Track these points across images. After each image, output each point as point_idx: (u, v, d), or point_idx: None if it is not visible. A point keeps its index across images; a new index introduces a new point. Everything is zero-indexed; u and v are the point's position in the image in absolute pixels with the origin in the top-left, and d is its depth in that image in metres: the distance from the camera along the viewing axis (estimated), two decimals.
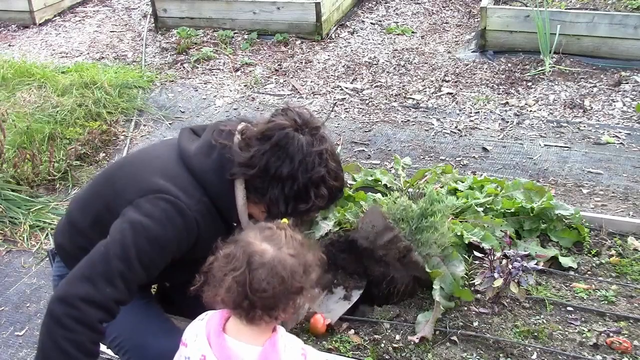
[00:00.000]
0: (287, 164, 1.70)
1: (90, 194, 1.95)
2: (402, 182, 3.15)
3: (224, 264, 1.48)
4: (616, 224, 2.92)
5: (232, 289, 1.44)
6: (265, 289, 1.43)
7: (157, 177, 1.77)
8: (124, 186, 1.81)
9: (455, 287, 2.47)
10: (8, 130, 3.91)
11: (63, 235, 2.00)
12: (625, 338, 2.33)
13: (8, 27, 6.18)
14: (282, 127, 1.73)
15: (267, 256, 1.45)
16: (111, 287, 1.63)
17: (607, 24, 4.56)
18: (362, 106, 4.42)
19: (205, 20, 5.71)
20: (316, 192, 1.74)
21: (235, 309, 1.47)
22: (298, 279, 1.47)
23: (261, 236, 1.50)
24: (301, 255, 1.50)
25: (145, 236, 1.68)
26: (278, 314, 1.48)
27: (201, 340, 1.52)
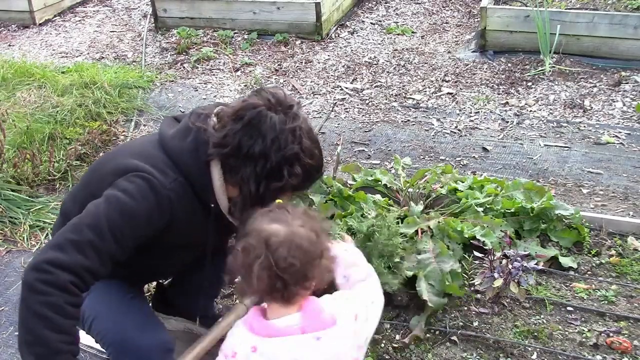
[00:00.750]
0: (260, 143, 1.70)
1: (79, 185, 2.03)
2: (402, 182, 3.15)
3: (245, 257, 1.52)
4: (616, 224, 2.92)
5: (262, 276, 1.49)
6: (293, 263, 1.49)
7: (134, 158, 1.82)
8: (105, 171, 1.87)
9: (443, 282, 2.47)
10: (8, 130, 3.90)
11: (57, 228, 2.03)
12: (625, 338, 2.33)
13: (8, 27, 6.18)
14: (254, 106, 1.73)
15: (282, 234, 1.51)
16: (81, 255, 1.64)
17: (607, 24, 4.56)
18: (362, 106, 4.42)
19: (205, 20, 5.71)
20: (290, 171, 1.73)
21: (270, 294, 1.52)
22: (315, 244, 1.54)
23: (267, 219, 1.55)
24: (309, 223, 1.56)
25: (117, 208, 1.71)
26: (310, 282, 1.54)
27: (245, 335, 1.55)
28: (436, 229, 2.78)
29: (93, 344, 2.45)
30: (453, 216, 2.90)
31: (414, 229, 2.77)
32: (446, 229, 2.76)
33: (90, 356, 2.50)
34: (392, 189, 3.14)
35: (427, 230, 2.78)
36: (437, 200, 3.05)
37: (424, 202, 3.02)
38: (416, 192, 3.08)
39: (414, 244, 2.69)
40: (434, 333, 2.42)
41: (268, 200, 1.76)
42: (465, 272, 2.68)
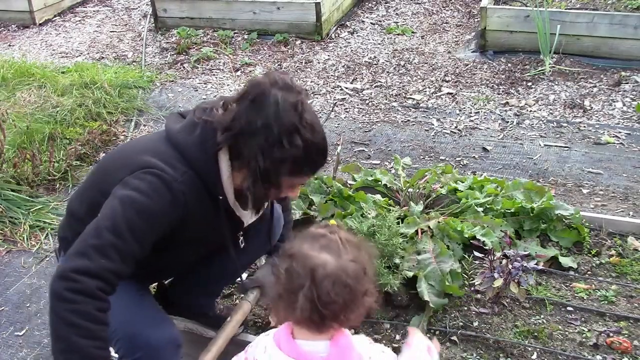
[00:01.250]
0: (262, 116, 1.72)
1: (86, 184, 2.03)
2: (402, 182, 3.15)
3: (288, 282, 1.46)
4: (616, 224, 2.92)
5: (304, 307, 1.43)
6: (335, 300, 1.42)
7: (142, 155, 1.83)
8: (114, 168, 1.87)
9: (443, 283, 2.47)
10: (8, 130, 3.91)
11: (64, 228, 2.05)
12: (625, 338, 2.33)
13: (8, 27, 6.18)
14: (258, 84, 1.77)
15: (330, 267, 1.44)
16: (105, 259, 1.66)
17: (607, 24, 4.56)
18: (362, 106, 4.42)
19: (205, 20, 5.71)
20: (290, 140, 1.73)
21: (307, 323, 1.47)
22: (362, 282, 1.47)
23: (318, 246, 1.48)
24: (360, 258, 1.49)
25: (133, 208, 1.72)
26: (347, 318, 1.48)
27: (271, 349, 1.52)
28: (436, 229, 2.78)
29: None
30: (453, 216, 2.90)
31: (414, 229, 2.77)
32: (446, 229, 2.76)
33: None
34: (392, 189, 3.14)
35: (427, 230, 2.77)
36: (437, 200, 3.05)
37: (424, 202, 3.02)
38: (416, 192, 3.08)
39: (414, 244, 2.70)
40: (434, 333, 2.42)
41: (273, 176, 1.77)
42: (465, 272, 2.68)
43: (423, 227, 2.78)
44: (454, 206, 2.98)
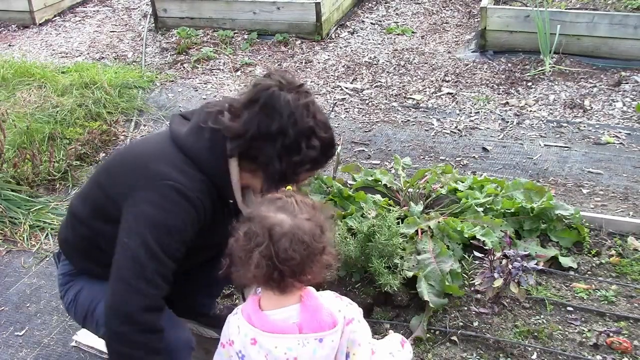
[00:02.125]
0: (277, 120, 1.72)
1: (89, 185, 2.01)
2: (402, 182, 3.15)
3: (246, 242, 1.52)
4: (616, 224, 2.92)
5: (260, 264, 1.48)
6: (293, 257, 1.48)
7: (154, 162, 1.80)
8: (121, 174, 1.85)
9: (443, 283, 2.47)
10: (8, 130, 3.90)
11: (66, 229, 2.04)
12: (625, 338, 2.33)
13: (8, 27, 6.18)
14: (267, 87, 1.76)
15: (286, 225, 1.50)
16: (154, 288, 1.71)
17: (607, 24, 4.56)
18: (362, 106, 4.42)
19: (205, 20, 5.71)
20: (307, 143, 1.76)
21: (266, 283, 1.52)
22: (318, 239, 1.54)
23: (274, 207, 1.54)
24: (315, 217, 1.56)
25: (162, 231, 1.73)
26: (307, 277, 1.54)
27: (244, 327, 1.57)
28: (436, 229, 2.78)
29: (94, 344, 2.45)
30: (453, 216, 2.90)
31: (414, 229, 2.77)
32: (446, 229, 2.76)
33: (90, 356, 2.50)
34: (392, 189, 3.14)
35: (427, 231, 2.77)
36: (437, 200, 3.05)
37: (424, 202, 3.02)
38: (416, 192, 3.08)
39: (414, 244, 2.70)
40: (434, 333, 2.42)
41: (290, 177, 1.80)
42: (465, 272, 2.68)
43: (423, 227, 2.78)
44: (454, 206, 2.98)
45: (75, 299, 2.04)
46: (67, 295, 2.07)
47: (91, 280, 2.02)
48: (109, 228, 1.85)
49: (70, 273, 2.07)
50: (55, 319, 2.73)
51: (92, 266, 2.00)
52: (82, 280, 2.04)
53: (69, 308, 2.08)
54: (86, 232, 1.94)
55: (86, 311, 2.01)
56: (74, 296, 2.04)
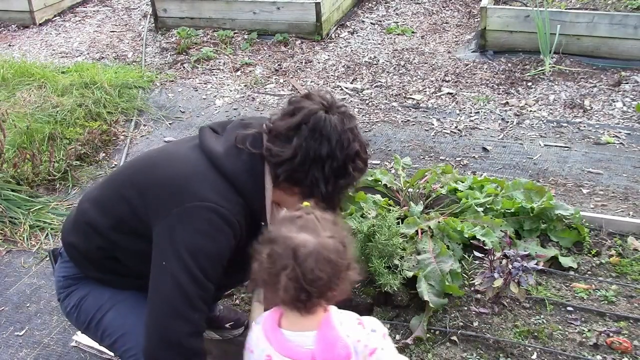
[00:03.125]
0: (326, 145, 1.74)
1: (111, 196, 1.92)
2: (402, 182, 3.15)
3: (271, 265, 1.48)
4: (616, 224, 2.92)
5: (288, 287, 1.45)
6: (320, 277, 1.45)
7: (191, 183, 1.76)
8: (155, 194, 1.79)
9: (443, 283, 2.47)
10: (8, 130, 3.91)
11: (76, 235, 1.97)
12: (625, 338, 2.33)
13: (8, 27, 6.18)
14: (314, 112, 1.76)
15: (310, 245, 1.47)
16: (197, 312, 1.70)
17: (607, 24, 4.56)
18: (362, 106, 4.42)
19: (205, 20, 5.71)
20: (354, 166, 1.79)
21: (294, 304, 1.50)
22: (343, 256, 1.51)
23: (296, 227, 1.51)
24: (337, 234, 1.53)
25: (203, 255, 1.70)
26: (333, 294, 1.51)
27: (262, 342, 1.55)
28: (436, 229, 2.78)
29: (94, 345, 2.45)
30: (453, 216, 2.90)
31: (414, 229, 2.77)
32: (446, 229, 2.76)
33: (90, 356, 2.50)
34: (392, 189, 3.14)
35: (427, 230, 2.77)
36: (437, 200, 3.05)
37: (424, 202, 3.02)
38: (416, 192, 3.08)
39: (414, 244, 2.69)
40: (434, 333, 2.42)
41: (336, 199, 1.81)
42: (465, 272, 2.68)
43: (423, 227, 2.78)
44: (454, 206, 2.98)
45: (78, 304, 1.99)
46: (68, 299, 2.02)
47: (98, 287, 1.98)
48: (130, 240, 1.83)
49: (74, 277, 2.02)
50: (55, 319, 2.73)
51: (103, 275, 1.97)
52: (88, 285, 2.00)
53: (70, 313, 2.03)
54: (102, 243, 1.89)
55: (90, 319, 1.97)
56: (78, 302, 2.00)
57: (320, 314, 1.54)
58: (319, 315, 1.54)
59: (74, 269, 2.01)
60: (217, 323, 2.47)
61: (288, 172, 1.76)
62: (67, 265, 2.03)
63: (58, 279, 2.06)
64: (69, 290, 2.02)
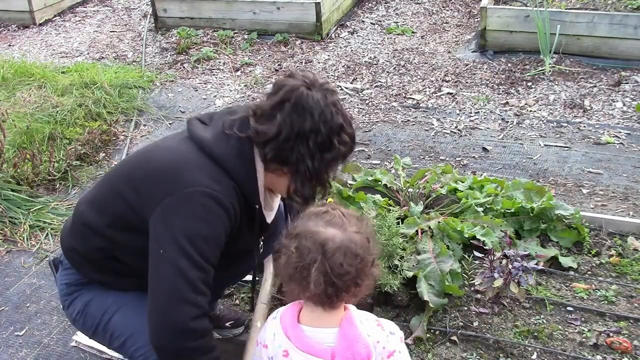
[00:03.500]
0: (309, 119, 1.74)
1: (106, 194, 1.92)
2: (402, 182, 3.15)
3: (299, 259, 1.49)
4: (616, 224, 2.92)
5: (318, 281, 1.46)
6: (348, 271, 1.46)
7: (186, 170, 1.78)
8: (148, 186, 1.80)
9: (443, 283, 2.47)
10: (8, 130, 3.90)
11: (75, 238, 1.97)
12: (625, 338, 2.33)
13: (8, 27, 6.18)
14: (295, 88, 1.77)
15: (338, 239, 1.48)
16: (201, 295, 1.71)
17: (607, 24, 4.56)
18: (362, 106, 4.42)
19: (205, 20, 5.71)
20: (339, 140, 1.79)
21: (320, 299, 1.50)
22: (369, 252, 1.53)
23: (323, 222, 1.52)
24: (363, 229, 1.55)
25: (201, 240, 1.72)
26: (359, 289, 1.52)
27: (279, 337, 1.55)
28: (436, 229, 2.78)
29: (94, 344, 2.45)
30: (453, 216, 2.90)
31: (414, 229, 2.76)
32: (446, 229, 2.76)
33: (90, 356, 2.50)
34: (392, 189, 3.14)
35: (427, 231, 2.77)
36: (437, 200, 3.05)
37: (424, 202, 3.02)
38: (416, 192, 3.08)
39: (414, 244, 2.69)
40: (434, 333, 2.42)
41: (323, 174, 1.81)
42: (465, 272, 2.68)
43: (423, 227, 2.78)
44: (454, 206, 2.98)
45: (83, 310, 1.98)
46: (73, 305, 2.01)
47: (101, 291, 1.98)
48: (127, 237, 1.83)
49: (77, 283, 2.01)
50: (55, 319, 2.73)
51: (105, 277, 1.96)
52: (91, 290, 1.99)
53: (76, 319, 2.01)
54: (101, 243, 1.89)
55: (97, 323, 1.96)
56: (83, 307, 1.98)
57: (342, 311, 1.55)
58: (340, 313, 1.55)
59: (75, 275, 2.00)
60: (217, 322, 2.47)
61: (275, 150, 1.76)
62: (68, 272, 2.02)
63: (61, 287, 2.05)
64: (73, 297, 2.01)
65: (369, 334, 1.54)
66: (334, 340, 1.51)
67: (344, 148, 1.81)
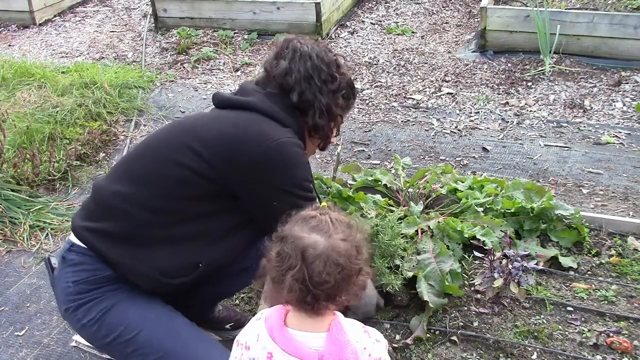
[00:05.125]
0: (308, 61, 2.02)
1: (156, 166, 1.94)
2: (402, 182, 3.15)
3: (279, 264, 1.46)
4: (616, 224, 2.92)
5: (293, 288, 1.43)
6: (327, 280, 1.42)
7: (252, 126, 1.93)
8: (223, 153, 1.89)
9: (442, 283, 2.47)
10: (8, 130, 3.91)
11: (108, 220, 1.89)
12: (625, 338, 2.33)
13: (8, 27, 6.18)
14: (289, 41, 2.08)
15: (320, 247, 1.44)
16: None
17: (607, 24, 4.56)
18: (362, 106, 4.42)
19: (205, 20, 5.71)
20: (338, 71, 2.07)
21: (299, 305, 1.47)
22: (354, 261, 1.47)
23: (308, 227, 1.48)
24: (351, 237, 1.49)
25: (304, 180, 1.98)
26: (341, 299, 1.49)
27: (264, 338, 1.51)
28: (436, 229, 2.78)
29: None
30: (453, 216, 2.90)
31: (414, 229, 2.76)
32: (446, 229, 2.76)
33: (90, 356, 2.50)
34: (392, 189, 3.14)
35: (427, 231, 2.77)
36: (437, 200, 3.05)
37: (424, 202, 3.02)
38: (416, 192, 3.08)
39: (414, 244, 2.69)
40: (434, 333, 2.42)
41: (335, 109, 2.07)
42: (465, 272, 2.68)
43: (423, 227, 2.78)
44: (454, 206, 2.98)
45: (100, 318, 1.87)
46: (83, 310, 1.88)
47: (122, 300, 1.89)
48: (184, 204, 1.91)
49: (87, 280, 1.88)
50: (55, 319, 2.73)
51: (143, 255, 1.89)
52: (109, 296, 1.89)
53: (86, 325, 1.89)
54: (147, 217, 1.88)
55: (117, 336, 1.87)
56: (100, 314, 1.87)
57: (330, 316, 1.53)
58: (328, 318, 1.52)
59: (88, 272, 1.88)
60: (217, 324, 2.46)
61: (298, 95, 2.01)
62: (78, 269, 1.89)
63: (66, 286, 1.90)
64: (82, 298, 1.88)
65: (357, 340, 1.52)
66: (321, 344, 1.48)
67: (343, 79, 2.08)
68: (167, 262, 1.91)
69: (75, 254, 1.92)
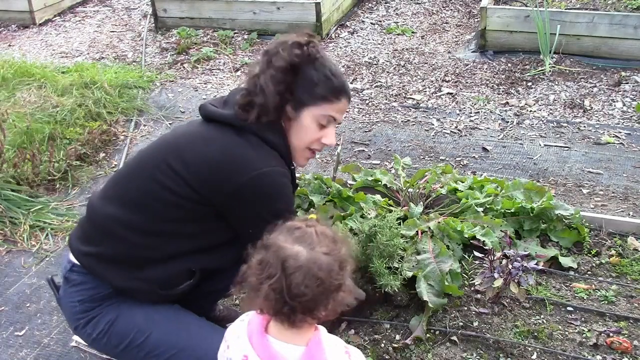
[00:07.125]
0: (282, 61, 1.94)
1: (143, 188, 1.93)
2: (402, 182, 3.15)
3: (259, 272, 1.44)
4: (616, 224, 2.92)
5: (269, 296, 1.41)
6: (305, 293, 1.40)
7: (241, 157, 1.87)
8: (205, 177, 1.86)
9: (442, 283, 2.47)
10: (8, 130, 3.90)
11: (102, 243, 1.93)
12: (625, 338, 2.33)
13: (8, 27, 6.18)
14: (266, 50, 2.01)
15: (302, 258, 1.41)
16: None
17: (607, 24, 4.56)
18: (362, 106, 4.42)
19: (205, 20, 5.71)
20: (289, 52, 1.99)
21: (275, 315, 1.45)
22: (335, 276, 1.44)
23: (292, 238, 1.46)
24: (335, 251, 1.47)
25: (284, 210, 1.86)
26: (319, 313, 1.46)
27: (243, 341, 1.50)
28: (436, 229, 2.78)
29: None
30: (453, 216, 2.90)
31: (414, 231, 2.76)
32: (446, 229, 2.76)
33: (90, 356, 2.50)
34: (392, 189, 3.14)
35: (427, 231, 2.77)
36: (437, 200, 3.05)
37: (424, 202, 3.02)
38: (416, 192, 3.08)
39: (414, 244, 2.69)
40: (434, 333, 2.41)
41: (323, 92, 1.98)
42: (465, 272, 2.68)
43: (423, 227, 2.78)
44: (454, 206, 2.98)
45: (108, 329, 1.93)
46: (92, 325, 1.94)
47: (126, 307, 1.94)
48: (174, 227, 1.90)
49: (92, 298, 1.94)
50: (55, 319, 2.73)
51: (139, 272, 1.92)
52: (113, 307, 1.94)
53: (97, 339, 1.95)
54: (138, 239, 1.89)
55: (129, 341, 1.92)
56: (107, 327, 1.93)
57: (310, 331, 1.50)
58: (309, 333, 1.50)
59: (90, 290, 1.95)
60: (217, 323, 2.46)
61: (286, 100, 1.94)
62: (81, 288, 1.96)
63: (72, 305, 1.97)
64: (89, 315, 1.95)
65: (334, 359, 1.50)
66: (298, 358, 1.46)
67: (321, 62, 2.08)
68: (164, 276, 1.95)
69: (77, 274, 1.98)
